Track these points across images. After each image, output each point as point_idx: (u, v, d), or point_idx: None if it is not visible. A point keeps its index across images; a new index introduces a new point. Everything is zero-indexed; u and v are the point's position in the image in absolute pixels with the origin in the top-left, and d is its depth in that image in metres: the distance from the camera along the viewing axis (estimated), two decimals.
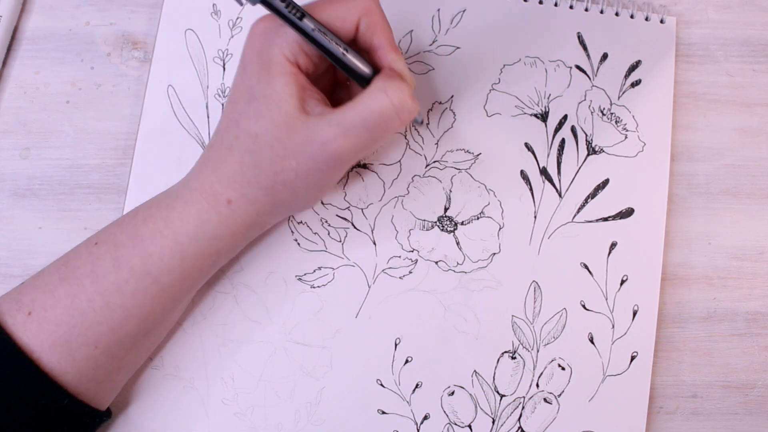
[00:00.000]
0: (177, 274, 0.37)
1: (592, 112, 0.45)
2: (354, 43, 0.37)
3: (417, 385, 0.42)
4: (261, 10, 0.35)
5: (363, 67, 0.36)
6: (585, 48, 0.46)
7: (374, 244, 0.43)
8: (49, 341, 0.35)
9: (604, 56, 0.46)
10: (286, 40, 0.35)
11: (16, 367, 0.34)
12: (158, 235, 0.36)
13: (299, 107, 0.35)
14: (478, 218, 0.44)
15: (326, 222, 0.43)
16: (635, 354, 0.43)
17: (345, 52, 0.36)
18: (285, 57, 0.35)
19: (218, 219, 0.36)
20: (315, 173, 0.36)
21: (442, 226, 0.43)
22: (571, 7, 0.46)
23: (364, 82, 0.36)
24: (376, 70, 0.37)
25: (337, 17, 0.35)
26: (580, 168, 0.44)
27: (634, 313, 0.43)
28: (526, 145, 0.45)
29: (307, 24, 0.34)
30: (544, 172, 0.44)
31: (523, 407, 0.42)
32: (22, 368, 0.34)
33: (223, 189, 0.36)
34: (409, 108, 0.35)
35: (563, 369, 0.42)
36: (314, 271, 0.43)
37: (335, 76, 0.40)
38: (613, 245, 0.44)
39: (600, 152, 0.45)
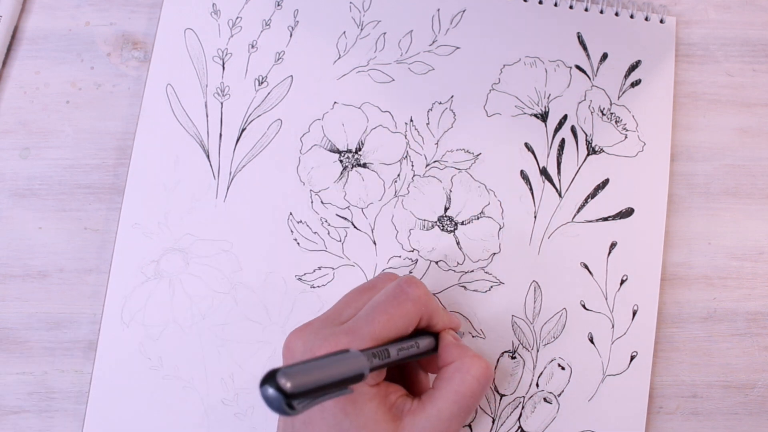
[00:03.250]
0: None
1: (592, 112, 0.45)
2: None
3: None
4: None
5: (429, 347, 0.37)
6: (585, 48, 0.46)
7: (374, 243, 0.43)
8: None
9: (604, 56, 0.46)
10: None
11: None
12: None
13: (391, 419, 0.34)
14: (478, 218, 0.44)
15: (326, 222, 0.43)
16: (635, 354, 0.43)
17: (417, 348, 0.36)
18: (368, 385, 0.34)
19: None
20: None
21: (442, 226, 0.43)
22: (571, 7, 0.46)
23: (430, 352, 0.37)
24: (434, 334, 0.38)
25: (403, 328, 0.35)
26: (580, 168, 0.44)
27: (634, 313, 0.43)
28: (526, 145, 0.45)
29: (393, 355, 0.34)
30: (544, 172, 0.44)
31: (523, 407, 0.42)
32: None
33: None
34: (491, 377, 0.35)
35: (563, 369, 0.42)
36: (314, 270, 0.43)
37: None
38: (613, 245, 0.44)
39: (600, 152, 0.45)
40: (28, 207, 0.44)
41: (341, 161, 0.44)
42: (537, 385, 0.42)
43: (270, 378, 0.26)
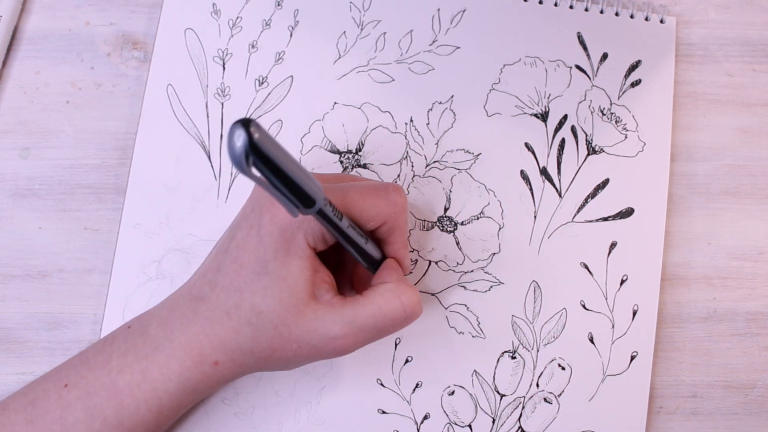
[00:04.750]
0: (151, 425, 0.36)
1: (592, 112, 0.45)
2: (370, 233, 0.37)
3: (417, 384, 0.42)
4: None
5: (376, 255, 0.37)
6: (585, 48, 0.46)
7: None
8: None
9: (604, 56, 0.46)
10: (312, 225, 0.34)
11: None
12: (135, 389, 0.35)
13: (310, 292, 0.35)
14: (478, 218, 0.44)
15: None
16: (635, 354, 0.43)
17: (366, 242, 0.36)
18: (307, 242, 0.34)
19: (201, 377, 0.35)
20: (313, 356, 0.36)
21: (442, 226, 0.43)
22: (571, 7, 0.46)
23: (372, 265, 0.37)
24: (384, 254, 0.38)
25: (366, 216, 0.36)
26: (580, 168, 0.44)
27: (634, 313, 0.43)
28: (526, 145, 0.45)
29: (344, 223, 0.33)
30: (544, 172, 0.44)
31: (523, 407, 0.42)
32: None
33: (211, 351, 0.35)
34: (417, 313, 0.36)
35: (563, 369, 0.42)
36: None
37: (340, 255, 0.40)
38: (613, 245, 0.44)
39: (600, 152, 0.45)
40: (28, 207, 0.44)
41: (341, 162, 0.44)
42: (537, 385, 0.42)
43: (245, 122, 0.26)
